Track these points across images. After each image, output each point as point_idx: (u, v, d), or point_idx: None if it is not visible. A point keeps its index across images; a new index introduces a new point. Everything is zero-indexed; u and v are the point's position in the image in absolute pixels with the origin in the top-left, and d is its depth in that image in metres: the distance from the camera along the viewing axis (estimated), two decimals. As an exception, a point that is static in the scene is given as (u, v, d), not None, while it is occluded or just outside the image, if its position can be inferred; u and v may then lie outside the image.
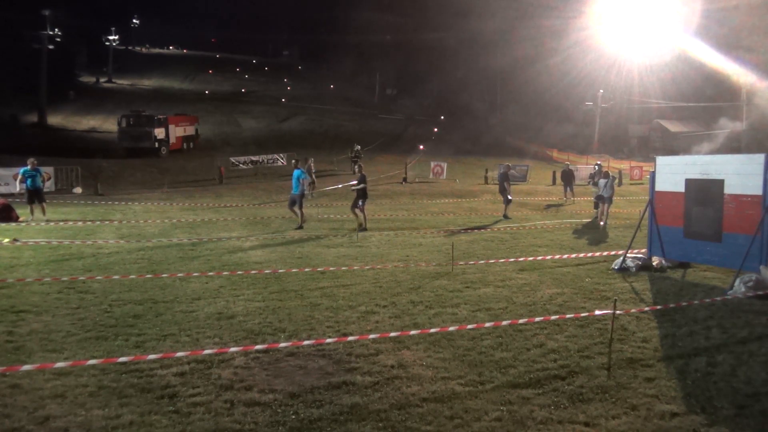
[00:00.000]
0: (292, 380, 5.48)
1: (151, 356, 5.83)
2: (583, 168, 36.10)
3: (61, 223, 16.10)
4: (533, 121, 61.98)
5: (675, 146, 49.17)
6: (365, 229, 15.11)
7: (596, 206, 18.44)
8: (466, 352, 6.23)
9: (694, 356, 6.18)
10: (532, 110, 63.49)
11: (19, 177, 16.99)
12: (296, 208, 15.71)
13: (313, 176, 23.95)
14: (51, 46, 53.76)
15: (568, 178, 24.19)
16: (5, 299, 8.06)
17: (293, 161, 17.57)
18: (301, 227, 15.41)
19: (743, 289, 8.52)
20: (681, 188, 10.21)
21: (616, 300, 6.96)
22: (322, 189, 25.88)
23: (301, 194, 15.76)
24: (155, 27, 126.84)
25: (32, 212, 16.61)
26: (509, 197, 18.61)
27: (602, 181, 17.70)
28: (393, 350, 6.26)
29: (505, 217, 18.30)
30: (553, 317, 7.32)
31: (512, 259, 11.37)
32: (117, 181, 29.71)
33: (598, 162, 21.79)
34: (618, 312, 6.89)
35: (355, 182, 15.88)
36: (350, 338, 6.54)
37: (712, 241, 9.72)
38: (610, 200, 17.51)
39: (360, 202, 15.51)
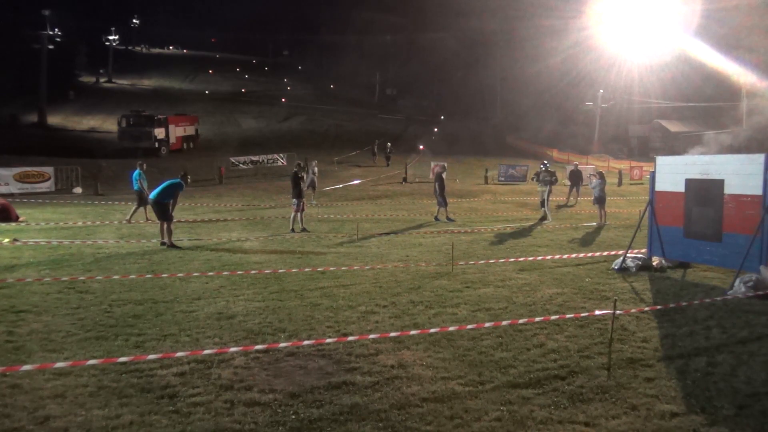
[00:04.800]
0: (292, 380, 5.48)
1: (151, 356, 5.83)
2: (583, 168, 35.97)
3: (61, 223, 16.11)
4: (533, 121, 61.97)
5: (675, 146, 49.09)
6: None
7: (542, 205, 18.27)
8: (466, 352, 6.23)
9: (694, 356, 6.18)
10: (532, 110, 63.48)
11: (139, 181, 16.44)
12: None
13: (315, 177, 23.02)
14: (51, 46, 53.78)
15: (575, 178, 24.18)
16: (5, 299, 8.06)
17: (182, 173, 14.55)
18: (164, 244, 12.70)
19: (743, 289, 8.51)
20: (681, 188, 10.21)
21: (616, 300, 6.95)
22: (322, 189, 25.87)
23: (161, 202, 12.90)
24: (155, 27, 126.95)
25: (132, 214, 16.54)
26: (441, 200, 17.72)
27: (598, 182, 17.77)
28: (393, 350, 6.26)
29: (437, 219, 17.64)
30: (553, 317, 7.32)
31: (512, 259, 11.37)
32: (117, 181, 29.66)
33: (545, 161, 21.68)
34: (618, 312, 6.88)
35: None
36: (350, 338, 6.53)
37: (712, 241, 9.72)
38: (603, 201, 17.57)
39: (295, 202, 15.09)
